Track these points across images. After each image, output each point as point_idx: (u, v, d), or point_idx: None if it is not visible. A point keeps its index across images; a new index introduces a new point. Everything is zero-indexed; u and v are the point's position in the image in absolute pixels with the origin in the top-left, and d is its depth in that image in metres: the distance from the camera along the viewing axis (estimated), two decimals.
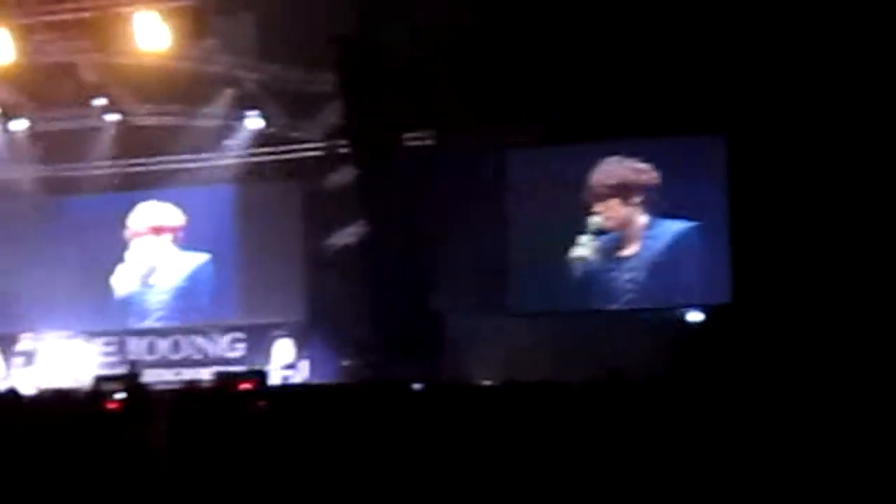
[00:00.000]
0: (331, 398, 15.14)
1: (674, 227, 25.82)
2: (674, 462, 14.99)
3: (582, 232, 26.48)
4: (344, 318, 27.38)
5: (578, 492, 13.98)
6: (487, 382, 20.92)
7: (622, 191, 26.23)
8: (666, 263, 25.91)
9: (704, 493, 13.94)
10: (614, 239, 26.44)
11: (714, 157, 25.32)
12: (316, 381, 26.99)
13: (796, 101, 23.78)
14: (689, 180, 25.59)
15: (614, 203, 26.32)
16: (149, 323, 30.33)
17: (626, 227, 26.34)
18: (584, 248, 26.44)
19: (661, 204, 25.91)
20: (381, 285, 26.61)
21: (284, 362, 28.20)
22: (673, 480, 14.71)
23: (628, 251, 26.28)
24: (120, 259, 30.28)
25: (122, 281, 30.31)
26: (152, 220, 30.20)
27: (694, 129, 25.13)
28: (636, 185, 26.12)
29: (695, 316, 25.71)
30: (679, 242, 25.76)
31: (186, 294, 30.12)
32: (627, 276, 26.16)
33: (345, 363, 26.84)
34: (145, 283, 30.32)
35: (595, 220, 26.42)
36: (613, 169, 26.29)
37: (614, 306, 26.37)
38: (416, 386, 19.36)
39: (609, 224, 26.40)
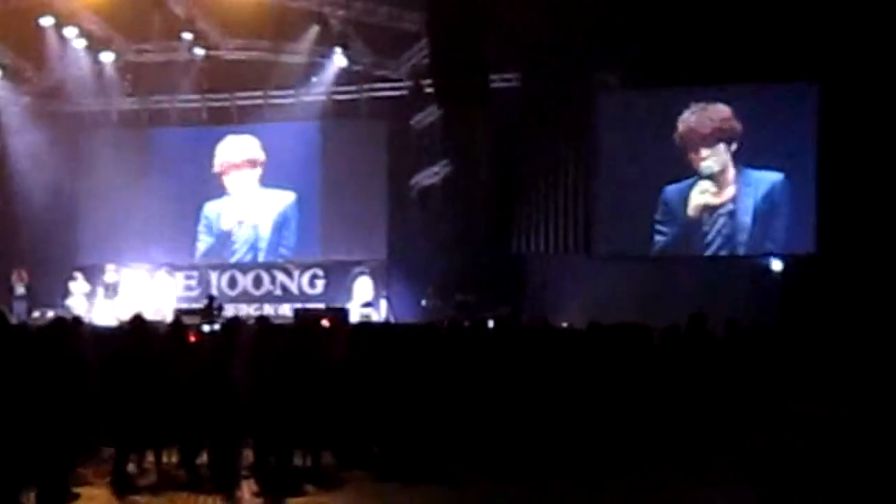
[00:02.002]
0: (409, 337, 15.16)
1: (763, 176, 25.51)
2: (750, 406, 14.97)
3: (691, 177, 26.24)
4: (425, 257, 27.40)
5: (657, 430, 14.00)
6: (565, 324, 21.00)
7: (729, 134, 25.89)
8: (754, 212, 25.63)
9: (782, 436, 13.92)
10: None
11: (806, 106, 24.97)
12: (394, 319, 27.09)
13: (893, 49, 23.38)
14: (777, 128, 25.25)
15: (722, 148, 25.99)
16: (236, 258, 30.54)
17: (724, 174, 26.12)
18: (706, 196, 26.19)
19: (749, 152, 25.63)
20: (463, 226, 26.54)
21: (364, 300, 28.33)
22: (749, 424, 14.70)
23: (720, 199, 26.04)
24: (206, 193, 30.54)
25: (209, 215, 30.57)
26: (238, 154, 30.37)
27: (783, 77, 24.71)
28: (735, 131, 25.78)
29: (778, 265, 25.41)
30: (768, 191, 25.45)
31: (273, 230, 30.25)
32: (718, 223, 25.91)
33: (423, 303, 26.84)
34: (232, 218, 30.51)
35: (707, 164, 26.15)
36: (719, 112, 25.95)
37: (703, 253, 26.18)
38: (492, 325, 19.47)
39: (717, 169, 26.08)
